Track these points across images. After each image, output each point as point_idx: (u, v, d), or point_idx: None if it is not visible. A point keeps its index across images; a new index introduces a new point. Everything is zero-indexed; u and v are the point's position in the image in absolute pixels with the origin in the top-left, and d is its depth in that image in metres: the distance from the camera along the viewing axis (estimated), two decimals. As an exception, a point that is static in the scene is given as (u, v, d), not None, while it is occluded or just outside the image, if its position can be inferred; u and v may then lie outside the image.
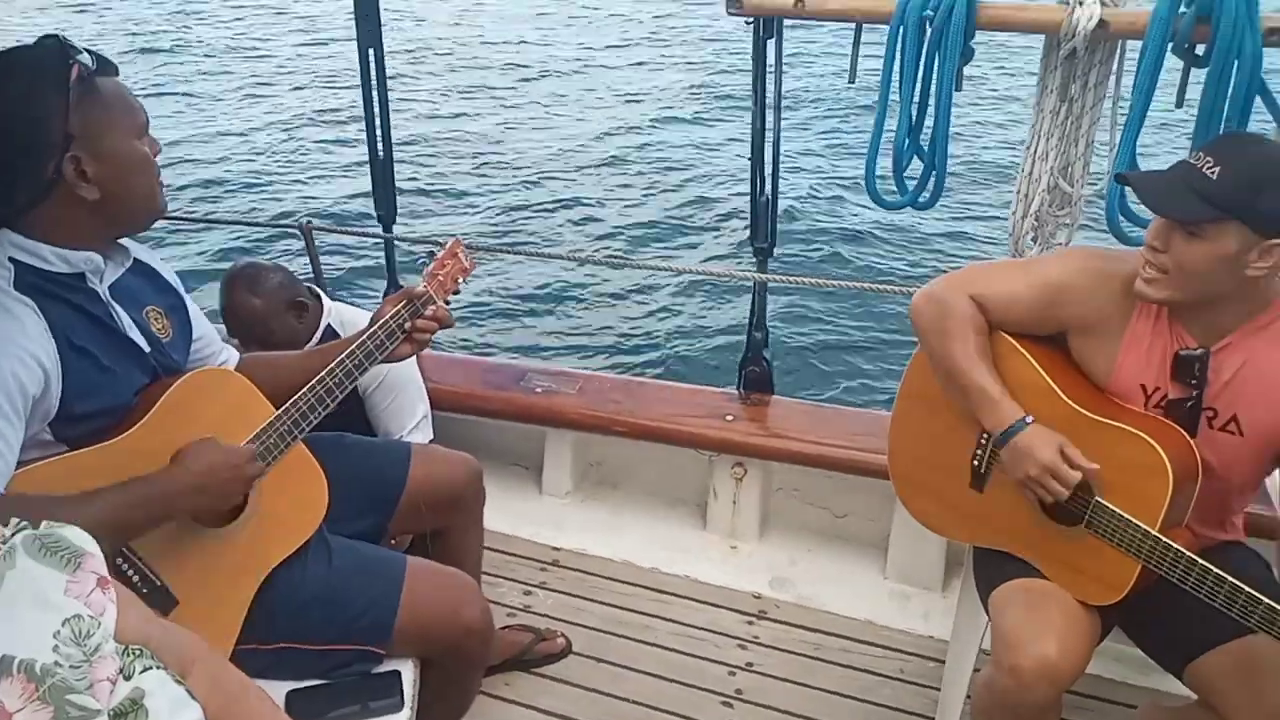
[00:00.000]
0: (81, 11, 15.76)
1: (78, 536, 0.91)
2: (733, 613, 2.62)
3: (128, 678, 0.89)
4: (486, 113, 11.38)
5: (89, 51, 1.49)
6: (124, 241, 1.64)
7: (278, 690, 1.63)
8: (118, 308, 1.59)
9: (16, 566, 0.85)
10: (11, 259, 1.49)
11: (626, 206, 8.57)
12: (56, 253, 1.51)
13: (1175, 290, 1.62)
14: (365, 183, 3.27)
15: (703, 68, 13.20)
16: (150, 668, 0.91)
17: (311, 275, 3.22)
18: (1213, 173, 1.54)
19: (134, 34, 14.48)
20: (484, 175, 9.31)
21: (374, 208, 3.20)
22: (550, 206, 8.56)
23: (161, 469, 1.52)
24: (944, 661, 2.30)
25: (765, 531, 2.91)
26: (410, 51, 13.53)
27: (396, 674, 1.70)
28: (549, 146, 10.13)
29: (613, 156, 9.88)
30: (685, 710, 2.31)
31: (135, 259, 1.66)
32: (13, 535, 0.88)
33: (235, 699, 1.06)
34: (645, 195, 8.82)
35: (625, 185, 9.10)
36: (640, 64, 13.68)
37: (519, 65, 13.46)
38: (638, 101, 11.89)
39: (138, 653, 0.93)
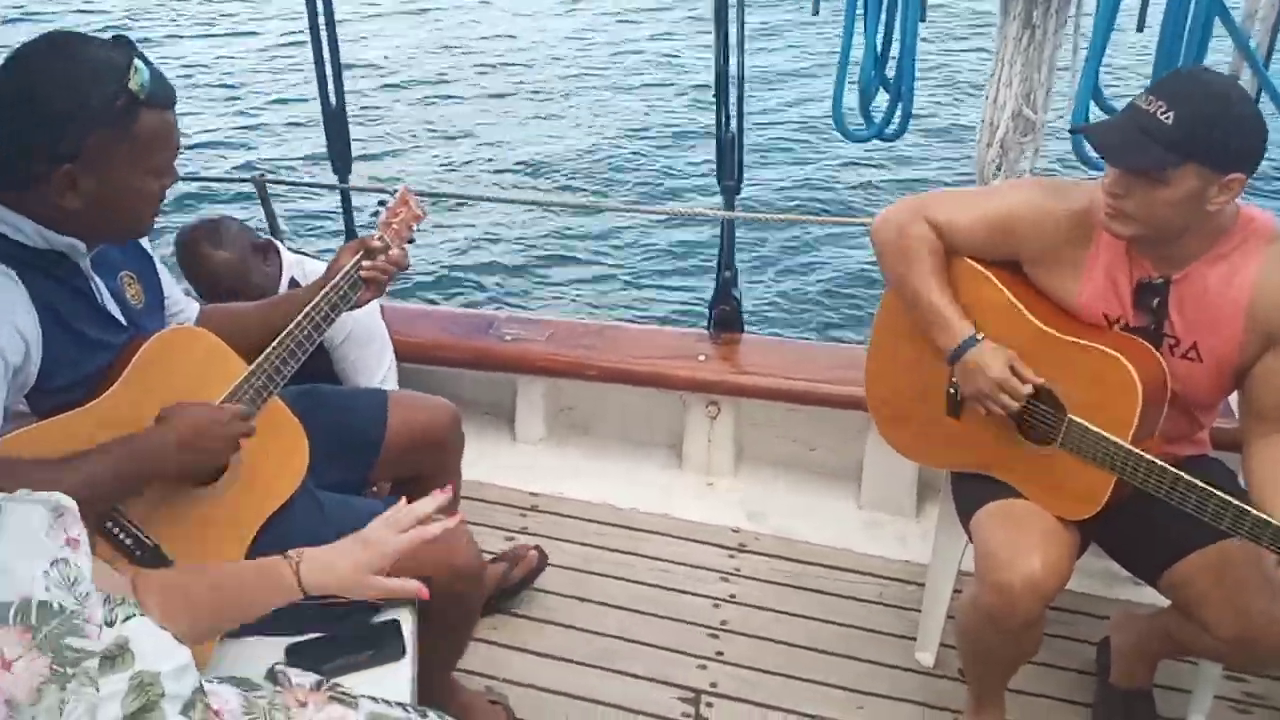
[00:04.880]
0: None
1: (56, 498, 0.93)
2: (713, 547, 2.67)
3: (110, 625, 0.90)
4: (441, 58, 11.14)
5: (150, 69, 1.42)
6: None
7: (276, 645, 1.63)
8: (98, 280, 1.56)
9: (3, 517, 0.87)
10: None
11: (590, 147, 8.47)
12: (39, 230, 1.46)
13: (1140, 228, 1.65)
14: (318, 133, 3.21)
15: (664, 3, 12.98)
16: (133, 615, 0.92)
17: (267, 229, 3.16)
18: (1167, 117, 1.54)
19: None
20: (442, 121, 9.14)
21: (328, 158, 3.14)
22: (512, 151, 8.44)
23: (148, 428, 1.51)
24: (921, 584, 2.36)
25: (740, 467, 2.95)
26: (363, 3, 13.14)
27: (396, 623, 1.70)
28: (507, 90, 9.95)
29: (574, 97, 9.74)
30: (673, 644, 2.36)
31: None
32: None
33: (189, 581, 1.07)
34: (609, 136, 8.72)
35: (588, 126, 8.99)
36: (600, 2, 13.42)
37: (472, 6, 13.16)
38: (597, 40, 11.70)
39: (119, 600, 0.93)
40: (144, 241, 1.74)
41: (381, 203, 1.94)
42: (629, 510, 2.79)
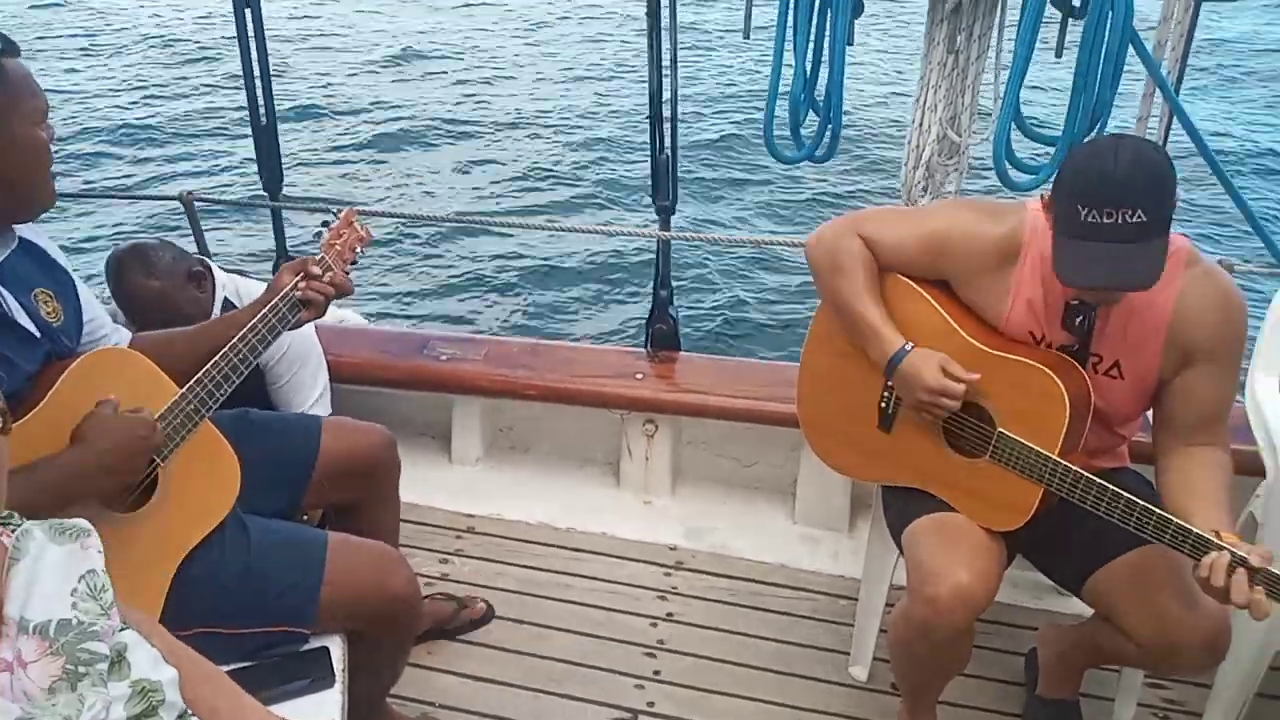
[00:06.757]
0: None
1: (80, 522, 0.99)
2: (650, 566, 2.67)
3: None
4: (374, 73, 11.05)
5: None
6: None
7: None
8: (4, 292, 1.51)
9: (36, 540, 0.93)
10: None
11: (525, 167, 8.47)
12: None
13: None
14: (248, 150, 3.16)
15: (598, 25, 13.05)
16: (126, 628, 0.96)
17: (196, 249, 3.09)
18: (1137, 215, 1.56)
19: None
20: (375, 139, 9.06)
21: (258, 175, 3.09)
22: (445, 169, 8.40)
23: (65, 450, 1.47)
24: (855, 599, 2.39)
25: (677, 485, 2.96)
26: (291, 17, 12.97)
27: (325, 650, 1.68)
28: (441, 108, 9.90)
29: (508, 116, 9.73)
30: (609, 664, 2.35)
31: (21, 238, 1.57)
32: (23, 521, 0.95)
33: (189, 668, 1.07)
34: (544, 156, 8.73)
35: (523, 146, 8.98)
36: (535, 22, 13.44)
37: (405, 26, 13.08)
38: (532, 59, 11.71)
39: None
40: (64, 261, 1.69)
41: (325, 223, 1.90)
42: (566, 530, 2.78)
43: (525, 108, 10.02)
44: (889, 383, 1.92)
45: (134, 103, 9.86)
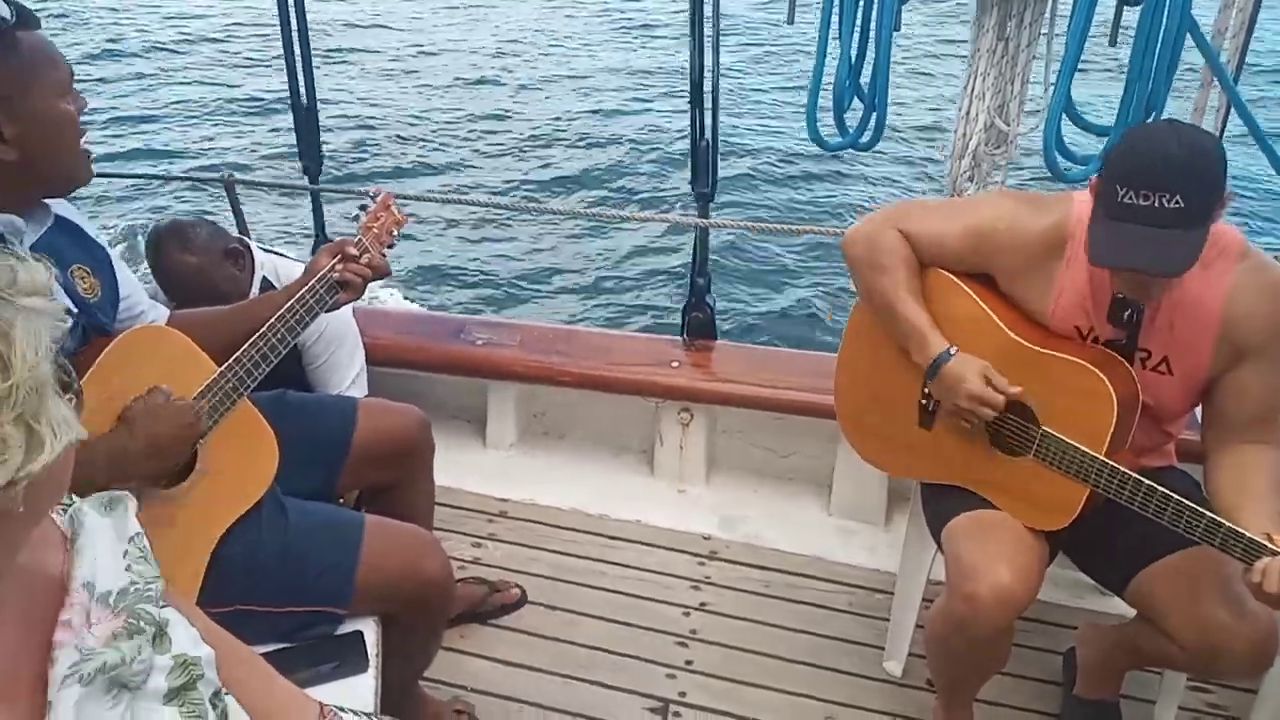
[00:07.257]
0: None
1: (118, 492, 1.00)
2: (683, 555, 2.66)
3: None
4: (415, 59, 11.08)
5: (6, 2, 1.41)
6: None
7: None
8: None
9: (89, 516, 0.95)
10: None
11: (564, 153, 8.47)
12: None
13: (1167, 284, 1.66)
14: (289, 133, 3.17)
15: (640, 10, 13.00)
16: (167, 605, 0.97)
17: (236, 230, 3.12)
18: (1176, 201, 1.52)
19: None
20: (415, 124, 9.09)
21: (299, 159, 3.11)
22: (485, 154, 8.42)
23: (112, 432, 1.49)
24: (890, 593, 2.36)
25: (712, 474, 2.94)
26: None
27: (359, 634, 1.68)
28: (481, 93, 9.92)
29: (549, 102, 9.73)
30: (641, 652, 2.35)
31: (57, 216, 1.58)
32: (74, 500, 0.97)
33: (225, 649, 1.08)
34: (584, 141, 8.72)
35: (563, 131, 8.98)
36: (575, 5, 13.40)
37: (447, 10, 13.10)
38: (573, 45, 11.68)
39: None
40: (103, 239, 1.70)
41: (363, 206, 1.91)
42: (599, 517, 2.78)
43: (566, 92, 10.00)
44: (928, 385, 1.89)
45: (178, 84, 9.97)
